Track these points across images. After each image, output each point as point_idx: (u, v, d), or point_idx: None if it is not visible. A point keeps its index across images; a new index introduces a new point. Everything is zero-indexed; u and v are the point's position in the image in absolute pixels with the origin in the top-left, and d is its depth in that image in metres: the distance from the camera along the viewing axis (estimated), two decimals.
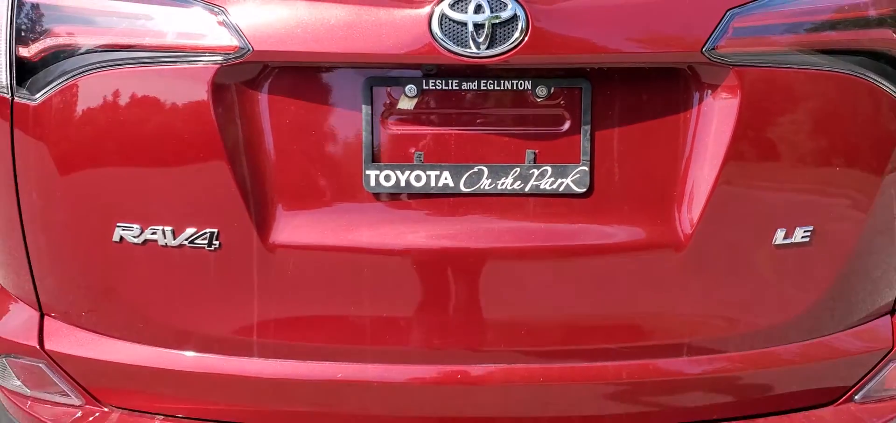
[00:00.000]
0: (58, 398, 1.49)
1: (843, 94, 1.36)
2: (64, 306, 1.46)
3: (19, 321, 1.51)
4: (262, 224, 1.34)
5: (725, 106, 1.32)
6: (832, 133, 1.36)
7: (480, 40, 1.24)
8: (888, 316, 1.51)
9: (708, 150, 1.33)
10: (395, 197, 1.35)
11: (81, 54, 1.33)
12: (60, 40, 1.35)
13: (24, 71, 1.37)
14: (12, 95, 1.38)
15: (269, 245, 1.34)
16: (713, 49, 1.28)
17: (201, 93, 1.30)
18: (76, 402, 1.48)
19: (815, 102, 1.35)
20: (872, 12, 1.38)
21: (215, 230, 1.34)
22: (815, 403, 1.49)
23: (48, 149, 1.37)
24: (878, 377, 1.50)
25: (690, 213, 1.34)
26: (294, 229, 1.35)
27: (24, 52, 1.37)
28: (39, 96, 1.36)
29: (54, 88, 1.35)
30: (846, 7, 1.36)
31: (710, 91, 1.32)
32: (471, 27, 1.24)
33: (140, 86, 1.33)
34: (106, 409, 1.47)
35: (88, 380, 1.47)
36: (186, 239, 1.35)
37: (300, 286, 1.36)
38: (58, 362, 1.46)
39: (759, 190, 1.35)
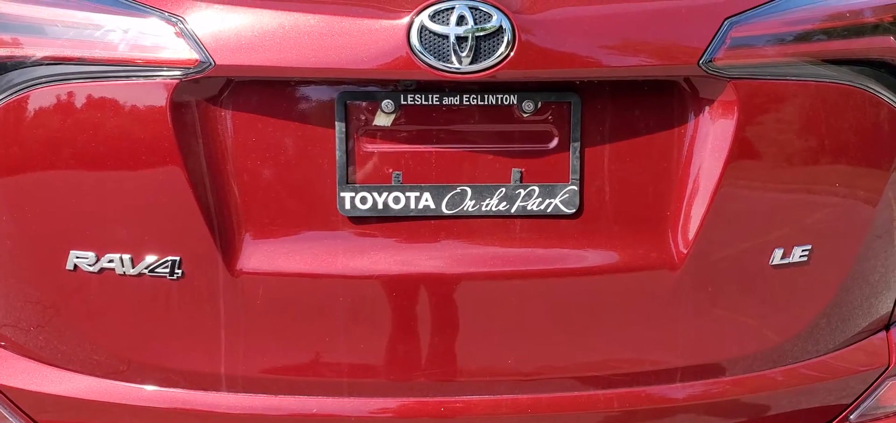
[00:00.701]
0: None
1: (845, 106, 1.31)
2: (11, 335, 1.37)
3: None
4: (228, 251, 1.26)
5: (722, 121, 1.26)
6: (832, 148, 1.32)
7: (463, 54, 1.16)
8: (884, 332, 1.48)
9: (704, 167, 1.27)
10: (372, 220, 1.27)
11: (25, 67, 1.23)
12: (2, 52, 1.25)
13: None
14: None
15: (236, 273, 1.26)
16: (710, 61, 1.22)
17: (159, 110, 1.21)
18: None
19: (815, 115, 1.30)
20: (872, 18, 1.33)
21: (177, 258, 1.25)
22: (824, 418, 1.46)
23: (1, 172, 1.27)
24: (874, 395, 1.47)
25: (686, 233, 1.29)
26: (263, 255, 1.27)
27: None
28: None
29: (4, 101, 1.25)
30: (847, 14, 1.31)
31: (706, 106, 1.26)
32: (453, 40, 1.16)
33: (92, 102, 1.23)
34: None
35: (39, 414, 1.38)
36: (146, 268, 1.26)
37: (269, 316, 1.28)
38: (7, 395, 1.37)
39: (756, 208, 1.30)
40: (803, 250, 1.32)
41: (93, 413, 1.36)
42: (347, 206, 1.26)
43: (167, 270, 1.26)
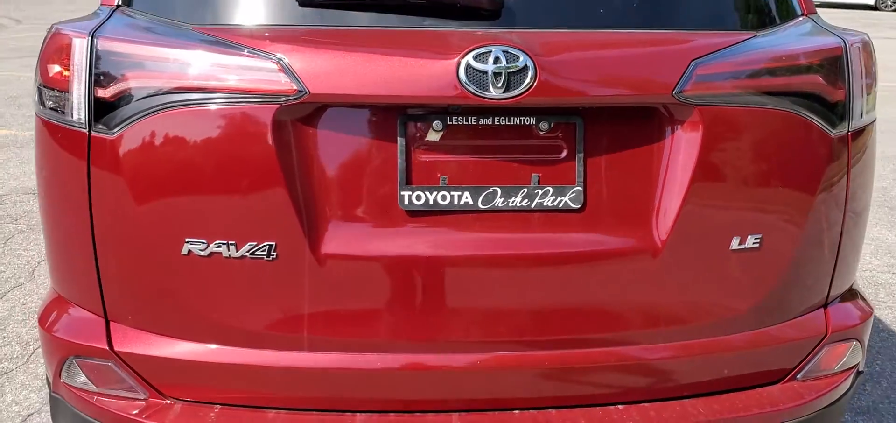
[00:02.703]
0: (123, 393, 1.78)
1: (784, 127, 1.76)
2: (131, 312, 1.76)
3: (86, 327, 1.79)
4: (313, 237, 1.67)
5: (690, 137, 1.71)
6: (775, 158, 1.76)
7: (498, 86, 1.60)
8: (822, 309, 1.92)
9: (677, 172, 1.71)
10: (424, 214, 1.70)
11: (155, 96, 1.65)
12: (135, 84, 1.66)
13: (101, 109, 1.68)
14: (90, 130, 1.69)
15: (319, 255, 1.67)
16: (681, 92, 1.67)
17: (263, 128, 1.62)
18: (141, 396, 1.77)
19: (761, 133, 1.74)
20: (804, 61, 1.80)
21: (273, 243, 1.66)
22: (765, 381, 1.88)
23: (124, 177, 1.67)
24: (815, 359, 1.90)
25: (664, 224, 1.72)
26: (340, 241, 1.68)
27: (102, 93, 1.68)
28: (116, 131, 1.66)
29: (130, 124, 1.66)
30: (784, 57, 1.78)
31: (678, 125, 1.71)
32: (491, 75, 1.60)
33: (209, 122, 1.63)
34: (169, 401, 1.77)
35: (154, 376, 1.76)
36: (247, 251, 1.67)
37: (345, 290, 1.69)
38: (126, 361, 1.75)
39: (718, 204, 1.74)
40: (755, 238, 1.76)
41: (197, 373, 1.74)
42: (406, 202, 1.68)
43: (265, 252, 1.66)
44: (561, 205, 1.71)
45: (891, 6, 25.67)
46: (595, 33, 1.73)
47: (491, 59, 1.60)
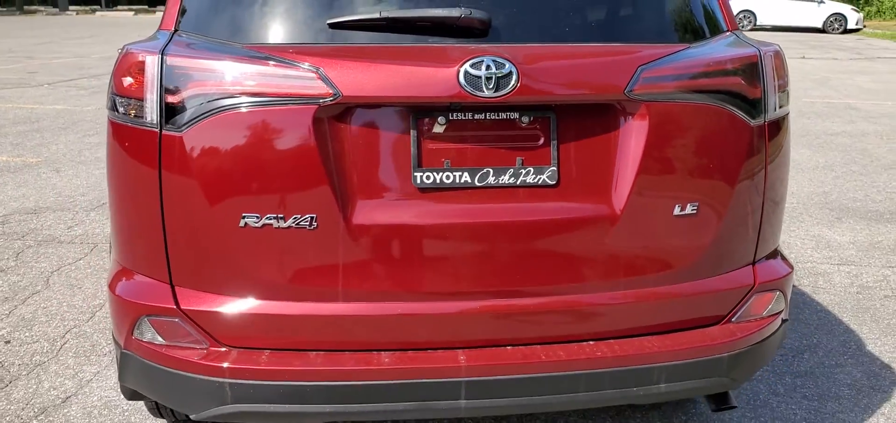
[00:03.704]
0: (188, 344, 2.22)
1: (713, 118, 2.26)
2: (194, 276, 2.20)
3: (154, 291, 2.23)
4: (346, 211, 2.13)
5: (640, 126, 2.21)
6: (707, 143, 2.26)
7: (490, 87, 2.09)
8: (750, 266, 2.42)
9: (630, 154, 2.21)
10: (433, 190, 2.17)
11: (216, 100, 2.10)
12: (198, 91, 2.11)
13: (171, 112, 2.13)
14: (161, 129, 2.14)
15: (351, 225, 2.13)
16: (631, 91, 2.17)
17: (305, 124, 2.09)
18: (203, 345, 2.21)
19: (695, 123, 2.25)
20: (728, 66, 2.31)
21: (314, 215, 2.12)
22: (707, 323, 2.36)
23: (191, 166, 2.12)
24: (746, 306, 2.40)
25: (621, 196, 2.21)
26: (367, 213, 2.14)
27: (171, 99, 2.14)
28: (184, 129, 2.12)
29: (196, 123, 2.11)
30: (712, 63, 2.29)
31: (630, 117, 2.21)
32: (483, 79, 2.09)
33: (261, 120, 2.10)
34: (225, 349, 2.21)
35: (213, 328, 2.20)
36: (293, 222, 2.13)
37: (371, 252, 2.15)
38: (191, 317, 2.19)
39: (662, 179, 2.23)
40: (693, 206, 2.26)
41: (249, 324, 2.19)
42: (418, 182, 2.16)
43: (307, 223, 2.13)
44: (540, 182, 2.19)
45: (837, 29, 27.07)
46: (564, 46, 2.23)
47: (483, 67, 2.09)
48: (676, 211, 2.25)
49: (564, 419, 3.06)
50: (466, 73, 2.08)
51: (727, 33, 2.46)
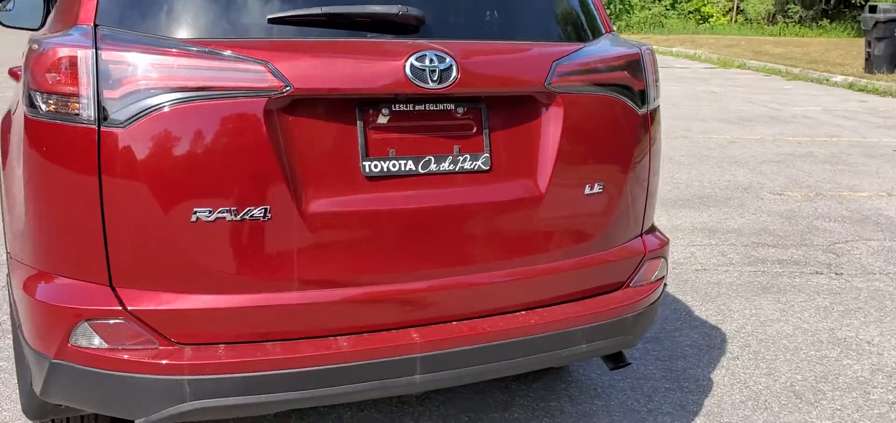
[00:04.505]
0: (136, 345, 2.16)
1: (611, 107, 2.59)
2: (139, 275, 2.16)
3: (92, 293, 2.16)
4: (299, 200, 2.20)
5: (556, 115, 2.48)
6: (607, 129, 2.59)
7: (434, 79, 2.26)
8: (640, 237, 2.78)
9: (549, 141, 2.47)
10: (380, 178, 2.30)
11: (171, 92, 2.10)
12: (141, 85, 2.10)
13: (111, 108, 2.09)
14: (99, 126, 2.10)
15: (304, 214, 2.21)
16: (550, 83, 2.44)
17: (257, 116, 2.14)
18: (154, 345, 2.17)
19: (598, 112, 2.57)
20: (620, 62, 2.65)
21: (268, 207, 2.17)
22: (611, 289, 2.68)
23: (137, 165, 2.09)
24: (640, 272, 2.75)
25: (544, 178, 2.47)
26: (320, 202, 2.22)
27: (109, 94, 2.10)
28: (126, 125, 2.09)
29: (141, 119, 2.09)
30: (607, 59, 2.62)
31: (548, 107, 2.48)
32: (428, 72, 2.26)
33: (210, 115, 2.12)
34: (178, 346, 2.18)
35: (165, 327, 2.17)
36: (247, 214, 2.16)
37: (325, 240, 2.23)
38: (140, 317, 2.15)
39: (575, 162, 2.52)
40: (600, 186, 2.57)
41: (204, 319, 2.18)
42: (367, 171, 2.28)
43: (261, 214, 2.17)
44: (475, 168, 2.39)
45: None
46: (491, 43, 2.45)
47: (427, 60, 2.26)
48: (587, 190, 2.55)
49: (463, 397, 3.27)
50: (412, 66, 2.24)
51: (608, 34, 2.81)
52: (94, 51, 2.11)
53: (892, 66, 15.85)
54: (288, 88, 2.15)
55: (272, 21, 2.25)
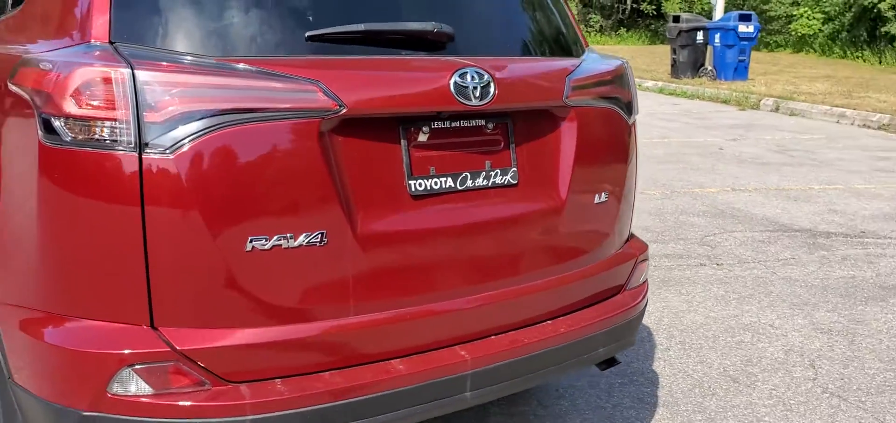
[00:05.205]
0: (187, 389, 2.00)
1: (610, 119, 2.72)
2: (187, 313, 2.01)
3: (134, 336, 1.99)
4: (353, 223, 2.14)
5: (570, 128, 2.56)
6: (609, 139, 2.71)
7: (476, 96, 2.28)
8: (628, 242, 2.92)
9: (566, 153, 2.56)
10: (424, 196, 2.28)
11: (207, 118, 1.97)
12: (186, 108, 1.96)
13: (150, 132, 1.94)
14: (140, 153, 1.94)
15: (358, 236, 2.14)
16: (567, 98, 2.52)
17: (312, 138, 2.06)
18: (206, 386, 2.02)
19: (601, 123, 2.68)
20: (613, 76, 2.78)
21: (324, 230, 2.09)
22: (613, 293, 2.80)
23: (185, 193, 1.95)
24: (633, 276, 2.89)
25: (563, 188, 2.54)
26: (370, 223, 2.17)
27: (151, 117, 1.94)
28: (171, 151, 1.94)
29: (186, 144, 1.95)
30: (604, 73, 2.74)
31: (564, 121, 2.56)
32: (470, 88, 2.27)
33: (262, 137, 2.02)
34: (233, 385, 2.04)
35: (218, 365, 2.02)
36: (305, 239, 2.07)
37: (379, 261, 2.18)
38: (191, 357, 2.00)
39: (588, 172, 2.62)
40: (606, 194, 2.68)
41: (260, 354, 2.06)
42: (412, 190, 2.25)
43: (318, 239, 2.09)
44: (505, 182, 2.43)
45: None
46: (516, 59, 2.50)
47: (469, 77, 2.27)
48: (596, 199, 2.65)
49: None
50: (455, 83, 2.24)
51: (589, 49, 2.93)
52: (130, 70, 1.94)
53: (695, 71, 17.35)
54: (342, 109, 2.08)
55: (311, 39, 2.17)
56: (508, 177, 2.43)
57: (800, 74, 18.73)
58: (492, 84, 2.31)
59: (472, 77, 2.27)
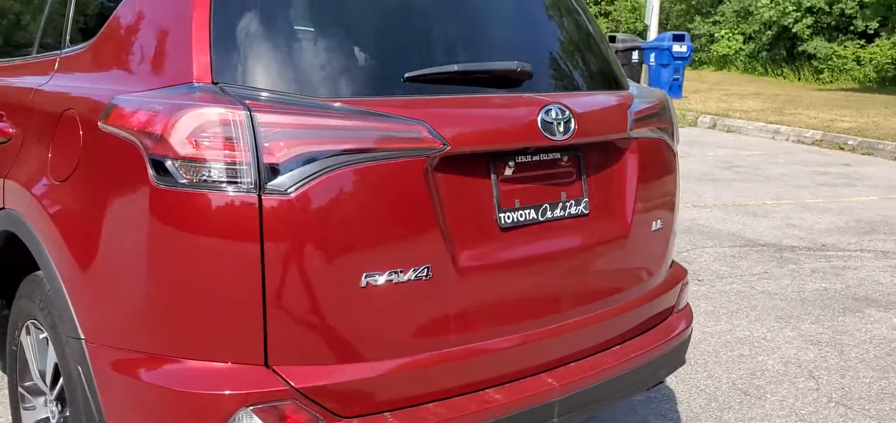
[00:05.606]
0: None
1: (660, 148, 2.85)
2: (305, 350, 2.03)
3: (250, 375, 2.00)
4: (453, 256, 2.20)
5: (632, 159, 2.68)
6: (661, 168, 2.83)
7: (561, 130, 2.37)
8: (674, 264, 3.06)
9: (629, 181, 2.67)
10: (512, 228, 2.35)
11: (324, 158, 2.01)
12: (304, 150, 1.99)
13: (270, 173, 1.97)
14: (260, 194, 1.96)
15: (458, 269, 2.20)
16: (631, 129, 2.64)
17: (419, 176, 2.12)
18: None
19: (655, 153, 2.81)
20: (661, 107, 2.91)
21: (430, 265, 2.15)
22: (666, 316, 2.92)
23: (304, 232, 1.98)
24: (680, 297, 3.01)
25: (628, 215, 2.66)
26: (468, 256, 2.24)
27: (270, 159, 1.97)
28: (292, 191, 1.97)
29: (305, 184, 1.99)
30: (653, 105, 2.86)
31: (626, 151, 2.67)
32: (555, 123, 2.36)
33: (376, 176, 2.07)
34: (345, 420, 2.07)
35: (332, 402, 2.05)
36: (413, 274, 2.12)
37: (477, 293, 2.25)
38: (309, 395, 2.02)
39: (647, 200, 2.74)
40: (660, 221, 2.81)
41: (371, 387, 2.10)
42: (502, 222, 2.32)
43: (424, 273, 2.14)
44: (578, 212, 2.52)
45: None
46: (585, 93, 2.60)
47: (553, 113, 2.36)
48: (654, 226, 2.77)
49: None
50: (542, 119, 2.33)
51: (632, 83, 3.06)
52: (247, 112, 1.96)
53: None
54: (445, 146, 2.14)
55: (408, 79, 2.23)
56: (581, 207, 2.53)
57: (729, 92, 19.47)
58: (572, 119, 2.40)
59: (556, 113, 2.36)
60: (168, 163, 1.96)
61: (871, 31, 23.68)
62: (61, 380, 2.40)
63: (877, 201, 8.76)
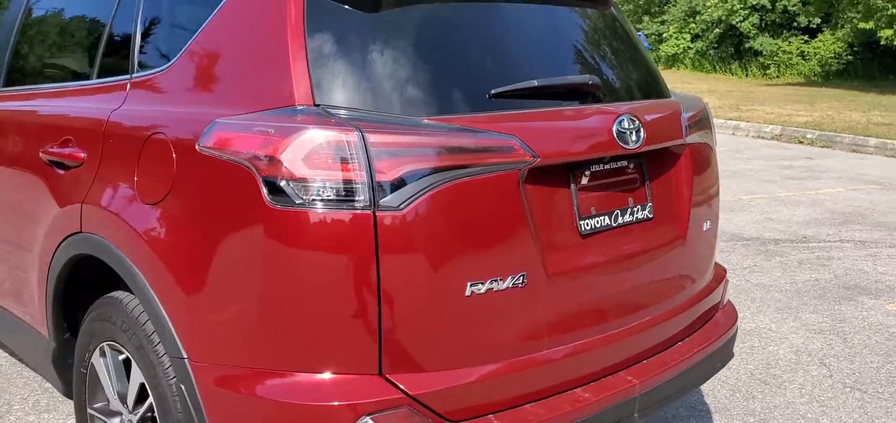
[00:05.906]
0: None
1: (705, 152, 2.98)
2: (416, 358, 2.11)
3: (367, 385, 2.08)
4: (544, 263, 2.30)
5: (687, 163, 2.81)
6: (707, 171, 2.97)
7: (634, 139, 2.49)
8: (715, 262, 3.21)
9: (684, 185, 2.80)
10: (590, 234, 2.46)
11: (431, 175, 2.09)
12: (413, 167, 2.08)
13: (382, 191, 2.05)
14: (375, 210, 2.04)
15: (549, 274, 2.31)
16: (686, 136, 2.77)
17: (514, 187, 2.22)
18: None
19: (703, 157, 2.94)
20: (703, 113, 3.04)
21: (525, 272, 2.24)
22: (714, 313, 3.06)
23: (415, 245, 2.07)
24: (723, 295, 3.16)
25: (684, 219, 2.79)
26: (556, 262, 2.34)
27: (382, 177, 2.05)
28: (403, 207, 2.06)
29: (415, 200, 2.07)
30: (697, 112, 3.00)
31: (681, 157, 2.80)
32: (628, 133, 2.48)
33: (475, 189, 2.16)
34: None
35: (443, 407, 2.13)
36: (511, 282, 2.22)
37: (566, 297, 2.35)
38: (423, 402, 2.10)
39: (699, 203, 2.87)
40: (709, 222, 2.95)
41: (474, 392, 2.18)
42: (582, 229, 2.43)
43: (520, 280, 2.23)
44: (644, 217, 2.65)
45: None
46: (646, 102, 2.72)
47: (626, 123, 2.48)
48: (705, 226, 2.91)
49: None
50: (617, 130, 2.45)
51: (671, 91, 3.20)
52: (360, 133, 2.04)
53: None
54: (535, 159, 2.24)
55: (493, 95, 2.32)
56: (646, 212, 2.65)
57: (683, 90, 19.93)
58: (642, 128, 2.52)
59: (628, 123, 2.48)
60: (282, 183, 2.02)
61: (815, 26, 24.50)
62: (149, 400, 2.43)
63: (843, 193, 9.11)
